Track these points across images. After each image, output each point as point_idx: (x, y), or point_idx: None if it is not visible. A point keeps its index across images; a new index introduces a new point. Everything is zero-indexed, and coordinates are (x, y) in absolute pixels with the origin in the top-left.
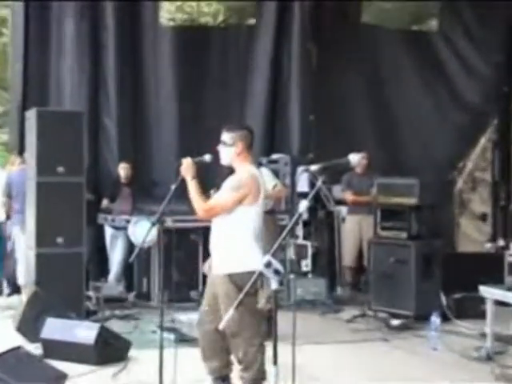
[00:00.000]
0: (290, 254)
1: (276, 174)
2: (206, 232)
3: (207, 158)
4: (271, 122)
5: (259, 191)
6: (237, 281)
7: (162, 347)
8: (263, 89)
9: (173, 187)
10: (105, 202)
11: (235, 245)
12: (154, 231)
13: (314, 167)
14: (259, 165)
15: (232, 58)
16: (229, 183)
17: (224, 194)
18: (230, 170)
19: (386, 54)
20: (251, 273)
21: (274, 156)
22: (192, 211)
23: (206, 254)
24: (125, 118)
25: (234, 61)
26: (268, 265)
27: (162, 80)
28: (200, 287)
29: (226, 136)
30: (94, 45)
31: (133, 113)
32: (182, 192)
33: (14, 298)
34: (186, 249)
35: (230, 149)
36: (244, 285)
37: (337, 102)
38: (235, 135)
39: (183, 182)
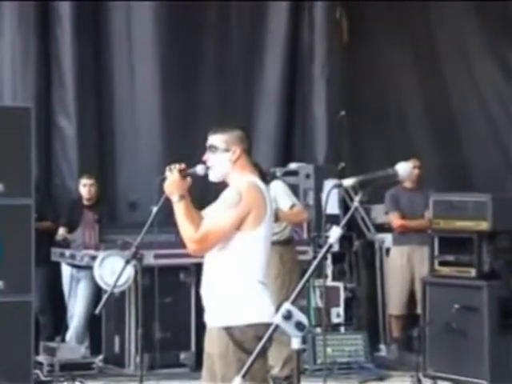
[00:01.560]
0: (316, 300)
1: (295, 190)
2: (199, 270)
3: (200, 169)
4: (288, 121)
5: (265, 208)
6: (236, 336)
7: None
8: (277, 76)
9: (154, 210)
10: (61, 232)
11: (233, 287)
12: (130, 271)
13: (347, 181)
14: (272, 178)
15: (234, 37)
16: (222, 199)
17: (218, 214)
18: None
19: (445, 25)
20: (256, 326)
21: (292, 166)
22: (181, 242)
23: (201, 301)
24: (87, 117)
25: (236, 41)
26: (287, 316)
27: (138, 68)
28: (193, 347)
29: (215, 140)
30: (43, 22)
31: (98, 110)
32: (167, 217)
33: None
34: (173, 294)
35: (222, 156)
36: (246, 342)
37: (376, 91)
38: (228, 137)
39: (168, 203)
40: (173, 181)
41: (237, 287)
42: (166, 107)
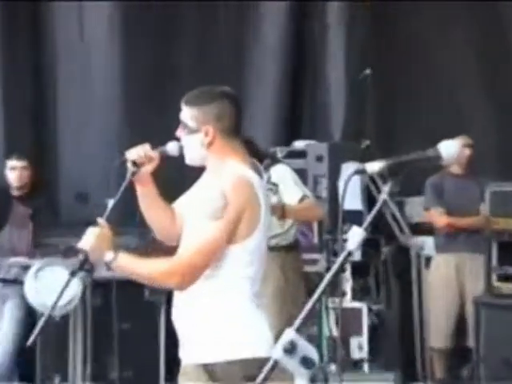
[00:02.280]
0: (331, 326)
1: (301, 177)
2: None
3: (172, 148)
4: (293, 86)
5: (258, 209)
6: (218, 376)
7: None
8: (279, 29)
9: (110, 204)
10: None
11: (215, 308)
12: (76, 287)
13: (373, 166)
14: (274, 161)
15: None
16: (201, 208)
17: (200, 232)
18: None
19: None
20: (245, 362)
21: (299, 144)
22: (147, 246)
23: (173, 327)
24: (17, 84)
25: None
26: (290, 348)
27: (89, 17)
28: None
29: (185, 114)
30: None
31: (35, 67)
32: (129, 213)
33: None
34: (135, 318)
35: (193, 137)
36: (232, 382)
37: (413, 48)
38: (198, 113)
39: (131, 194)
40: (98, 236)
41: (220, 309)
42: (128, 69)
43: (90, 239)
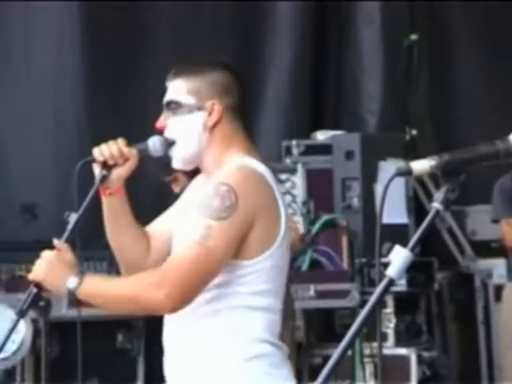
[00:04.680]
0: (367, 380)
1: (326, 179)
2: (151, 327)
3: (154, 144)
4: (313, 59)
5: (276, 213)
6: None
7: None
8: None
9: (72, 220)
10: None
11: (221, 353)
12: (25, 331)
13: (422, 164)
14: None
15: None
16: (201, 204)
17: (194, 229)
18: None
19: None
20: None
21: (321, 135)
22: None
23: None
24: None
25: None
26: None
27: None
28: None
29: (176, 89)
30: None
31: None
32: (96, 231)
33: None
34: (105, 371)
35: (190, 118)
36: None
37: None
38: (200, 83)
39: (97, 205)
40: (55, 261)
41: (228, 353)
42: (91, 41)
43: (44, 267)
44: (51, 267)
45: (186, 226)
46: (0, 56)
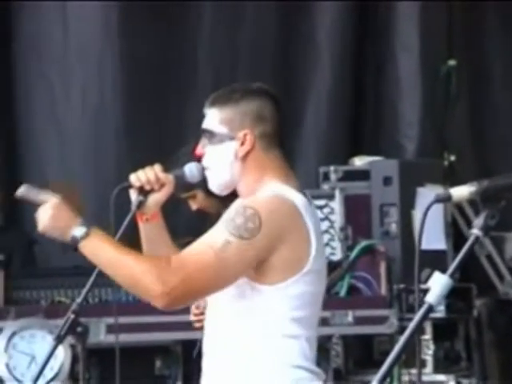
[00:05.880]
0: None
1: (364, 205)
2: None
3: (191, 170)
4: (350, 86)
5: (307, 240)
6: None
7: None
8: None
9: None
10: None
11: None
12: (63, 356)
13: (461, 190)
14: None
15: None
16: (226, 219)
17: (213, 238)
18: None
19: None
20: None
21: (358, 162)
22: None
23: None
24: None
25: None
26: None
27: None
28: None
29: (211, 118)
30: None
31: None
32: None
33: None
34: None
35: (224, 147)
36: None
37: None
38: (233, 113)
39: (135, 232)
40: (55, 207)
41: (266, 377)
42: (129, 63)
43: (49, 213)
44: (56, 213)
45: (209, 232)
46: (39, 74)
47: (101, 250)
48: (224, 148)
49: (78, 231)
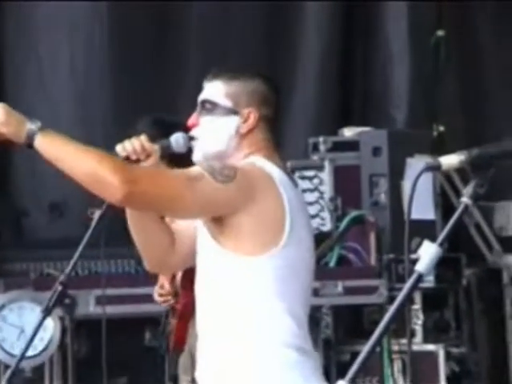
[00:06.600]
0: (396, 376)
1: (354, 176)
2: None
3: (178, 141)
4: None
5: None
6: None
7: None
8: None
9: (96, 216)
10: None
11: (247, 356)
12: (52, 329)
13: (450, 159)
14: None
15: None
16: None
17: (188, 170)
18: None
19: None
20: None
21: (348, 132)
22: (147, 275)
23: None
24: None
25: None
26: None
27: None
28: None
29: (215, 90)
30: None
31: None
32: (121, 229)
33: None
34: (132, 370)
35: (225, 121)
36: None
37: None
38: (241, 89)
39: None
40: (5, 107)
41: (253, 357)
42: (118, 37)
43: (1, 111)
44: (8, 111)
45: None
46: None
47: (59, 140)
48: (225, 121)
49: (34, 124)
